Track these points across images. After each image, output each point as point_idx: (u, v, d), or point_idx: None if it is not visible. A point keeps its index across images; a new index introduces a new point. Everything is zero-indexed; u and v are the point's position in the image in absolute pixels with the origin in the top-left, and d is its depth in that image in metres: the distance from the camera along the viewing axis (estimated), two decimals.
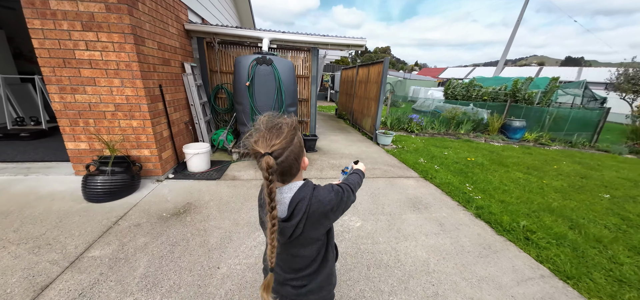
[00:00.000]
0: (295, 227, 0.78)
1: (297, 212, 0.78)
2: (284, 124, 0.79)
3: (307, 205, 0.78)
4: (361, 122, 7.82)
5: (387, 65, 5.81)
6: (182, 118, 4.16)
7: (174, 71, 3.92)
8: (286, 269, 0.89)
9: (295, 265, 0.88)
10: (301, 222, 0.78)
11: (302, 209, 0.78)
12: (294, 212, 0.78)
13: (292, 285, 0.89)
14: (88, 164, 2.93)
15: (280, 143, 0.74)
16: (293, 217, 0.78)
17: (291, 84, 4.22)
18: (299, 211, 0.78)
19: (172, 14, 3.88)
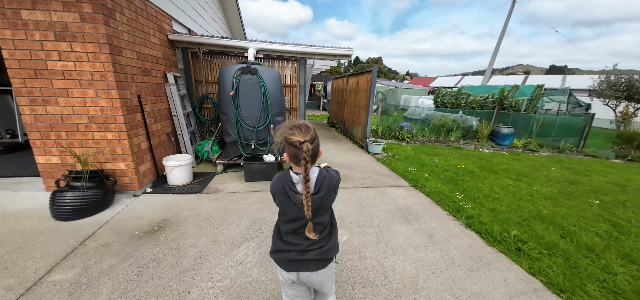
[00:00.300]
0: (322, 199, 1.08)
1: (323, 187, 1.08)
2: (309, 124, 1.08)
3: (328, 182, 1.09)
4: (352, 131, 7.78)
5: (375, 74, 5.83)
6: (164, 129, 4.02)
7: (155, 81, 3.81)
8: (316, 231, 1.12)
9: (316, 232, 1.12)
10: (325, 195, 1.08)
11: (326, 185, 1.08)
12: (320, 187, 1.08)
13: (314, 248, 1.15)
14: (58, 179, 2.75)
15: (311, 134, 1.04)
16: (320, 191, 1.07)
17: (278, 94, 4.15)
18: (324, 187, 1.08)
19: (154, 23, 3.81)
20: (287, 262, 1.17)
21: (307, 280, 1.20)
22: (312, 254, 1.15)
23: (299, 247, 1.14)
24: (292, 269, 1.17)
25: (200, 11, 5.79)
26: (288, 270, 1.18)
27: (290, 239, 1.15)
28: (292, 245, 1.14)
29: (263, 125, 4.07)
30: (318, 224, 1.14)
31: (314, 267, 1.17)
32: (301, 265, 1.16)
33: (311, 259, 1.15)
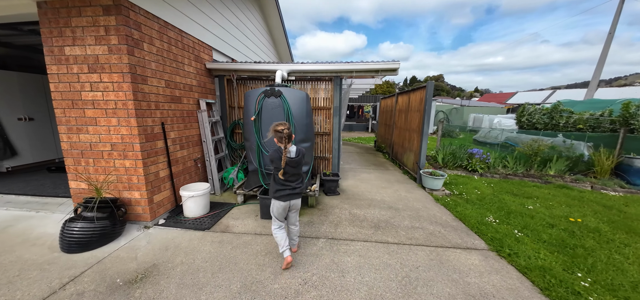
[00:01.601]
0: (299, 161, 2.31)
1: (299, 153, 2.32)
2: (286, 122, 2.48)
3: (303, 153, 2.37)
4: (402, 158, 6.53)
5: (431, 90, 4.68)
6: (192, 155, 3.92)
7: (186, 108, 3.78)
8: (294, 180, 2.34)
9: (298, 178, 2.37)
10: (301, 159, 2.33)
11: (301, 153, 2.34)
12: (298, 154, 2.32)
13: (298, 184, 2.37)
14: (76, 207, 2.75)
15: (287, 126, 2.23)
16: (298, 156, 2.31)
17: (303, 117, 3.57)
18: (299, 153, 2.33)
19: (190, 54, 3.86)
20: (284, 196, 2.32)
21: (294, 204, 2.40)
22: (298, 190, 2.37)
23: (290, 187, 2.33)
24: (287, 199, 2.34)
25: (244, 40, 5.98)
26: (285, 200, 2.33)
27: (284, 183, 2.31)
28: (286, 186, 2.32)
29: None
30: (297, 174, 2.35)
31: (297, 197, 2.39)
32: (291, 197, 2.34)
33: (296, 193, 2.37)
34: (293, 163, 2.23)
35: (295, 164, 2.25)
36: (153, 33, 3.10)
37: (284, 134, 2.15)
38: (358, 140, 12.14)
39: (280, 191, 2.28)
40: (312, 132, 3.89)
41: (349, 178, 5.47)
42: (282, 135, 2.16)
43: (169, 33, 3.40)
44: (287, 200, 2.30)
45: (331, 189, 4.25)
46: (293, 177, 2.29)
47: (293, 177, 2.29)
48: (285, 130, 2.16)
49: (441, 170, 6.29)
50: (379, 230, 3.10)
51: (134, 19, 2.80)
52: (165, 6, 3.28)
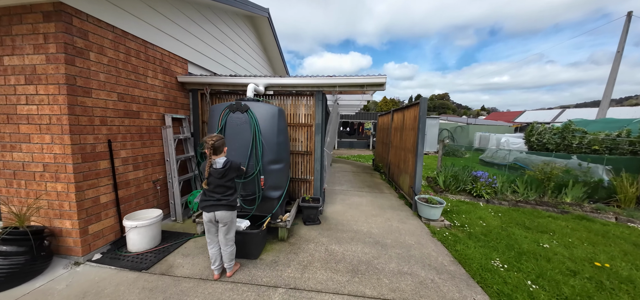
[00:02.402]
0: (226, 172, 2.29)
1: (226, 165, 2.30)
2: (220, 135, 2.42)
3: (230, 163, 2.34)
4: (398, 180, 5.96)
5: (424, 107, 4.22)
6: (150, 176, 3.50)
7: (146, 124, 3.42)
8: (220, 192, 2.32)
9: (226, 190, 2.34)
10: (228, 170, 2.31)
11: (228, 164, 2.32)
12: (225, 166, 2.30)
13: (224, 196, 2.33)
14: None
15: (216, 138, 2.31)
16: (224, 167, 2.30)
17: (274, 135, 3.13)
18: (226, 164, 2.31)
19: (156, 66, 3.56)
20: (208, 207, 2.32)
21: (221, 217, 2.33)
22: (222, 202, 2.31)
23: (214, 198, 2.31)
24: (210, 210, 2.32)
25: (231, 55, 5.75)
26: (209, 211, 2.32)
27: (209, 194, 2.33)
28: (210, 197, 2.32)
29: (251, 175, 3.03)
30: (223, 186, 2.32)
31: (222, 209, 2.31)
32: (215, 208, 2.31)
33: (221, 204, 2.31)
34: (217, 174, 2.28)
35: (220, 175, 2.29)
36: (105, 42, 2.80)
37: (208, 144, 2.27)
38: (357, 158, 11.60)
39: (204, 202, 2.34)
40: (286, 152, 3.42)
41: (337, 202, 4.91)
42: (207, 145, 2.28)
43: (129, 43, 3.11)
44: (211, 211, 2.32)
45: (310, 217, 3.71)
46: (218, 188, 2.32)
47: (218, 189, 2.32)
48: (210, 141, 2.27)
49: (442, 195, 5.67)
50: (357, 276, 2.52)
51: (78, 26, 2.50)
52: (124, 15, 3.00)
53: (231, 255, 2.42)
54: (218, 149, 2.31)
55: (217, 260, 2.42)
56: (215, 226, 2.40)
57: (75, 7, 2.47)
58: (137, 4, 3.17)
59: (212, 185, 2.29)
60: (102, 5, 2.73)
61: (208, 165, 2.27)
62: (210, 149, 2.27)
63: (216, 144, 2.29)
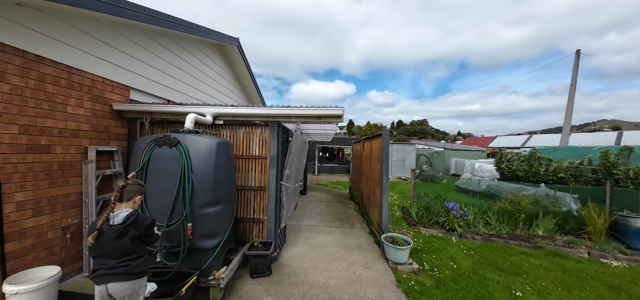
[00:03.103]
0: (124, 230, 1.68)
1: (126, 220, 1.71)
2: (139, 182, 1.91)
3: (134, 219, 1.74)
4: (369, 212, 5.59)
5: (387, 137, 4.01)
6: (59, 222, 2.86)
7: (59, 159, 2.86)
8: (117, 255, 1.70)
9: (125, 254, 1.71)
10: (128, 227, 1.70)
11: (131, 219, 1.72)
12: (126, 221, 1.71)
13: (121, 263, 1.70)
14: None
15: (128, 184, 1.79)
16: (124, 222, 1.70)
17: (210, 173, 2.69)
18: (128, 220, 1.71)
19: (82, 93, 3.11)
20: (98, 277, 1.69)
21: (115, 291, 1.70)
22: (118, 271, 1.68)
23: (106, 266, 1.69)
24: (101, 282, 1.69)
25: (192, 82, 5.40)
26: (98, 283, 1.70)
27: (100, 258, 1.71)
28: (102, 264, 1.70)
29: (175, 223, 2.51)
30: (120, 248, 1.70)
31: (119, 279, 1.69)
32: (107, 278, 1.68)
33: (117, 273, 1.68)
34: (112, 232, 1.67)
35: (116, 234, 1.67)
36: (9, 68, 2.36)
37: (116, 188, 1.80)
38: (335, 185, 11.20)
39: (95, 271, 1.72)
40: (228, 191, 2.95)
41: (300, 242, 4.40)
42: (115, 192, 1.80)
43: (44, 69, 2.67)
44: (101, 283, 1.69)
45: (258, 267, 3.16)
46: (115, 251, 1.70)
47: (114, 252, 1.70)
48: (119, 185, 1.80)
49: (415, 229, 5.33)
50: None
51: None
52: (39, 38, 2.59)
53: None
54: (125, 197, 1.78)
55: None
56: None
57: None
58: (59, 26, 2.78)
59: (103, 247, 1.66)
60: (8, 28, 2.33)
61: (103, 218, 1.68)
62: (115, 196, 1.76)
63: (125, 190, 1.78)
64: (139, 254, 1.76)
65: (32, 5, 2.45)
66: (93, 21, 3.21)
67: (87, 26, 3.11)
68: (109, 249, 1.68)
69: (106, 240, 1.66)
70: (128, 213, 1.75)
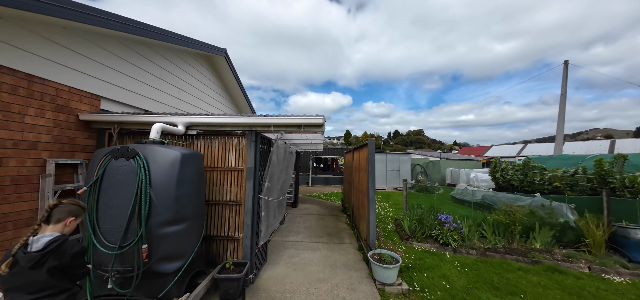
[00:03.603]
0: (40, 258, 1.38)
1: (46, 246, 1.41)
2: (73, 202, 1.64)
3: (58, 246, 1.44)
4: (359, 225, 5.32)
5: (372, 148, 3.82)
6: (6, 244, 2.56)
7: (12, 172, 2.61)
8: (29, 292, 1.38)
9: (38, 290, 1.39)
10: (45, 257, 1.39)
11: (51, 245, 1.42)
12: (45, 248, 1.41)
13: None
14: None
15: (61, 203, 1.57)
16: (43, 250, 1.40)
17: (172, 188, 2.44)
18: (48, 246, 1.41)
19: (43, 102, 2.89)
20: None
21: None
22: None
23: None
24: None
25: (173, 92, 5.22)
26: None
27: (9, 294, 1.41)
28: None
29: (128, 244, 2.23)
30: (35, 282, 1.39)
31: None
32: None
33: None
34: (26, 260, 1.37)
35: (31, 263, 1.37)
36: None
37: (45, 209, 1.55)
38: (328, 197, 10.90)
39: None
40: (192, 207, 2.68)
41: (282, 261, 4.09)
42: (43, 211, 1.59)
43: (0, 77, 2.45)
44: None
45: (229, 292, 2.85)
46: (29, 285, 1.39)
47: (29, 285, 1.39)
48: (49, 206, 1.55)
49: (408, 243, 5.05)
50: None
51: None
52: None
53: None
54: (54, 218, 1.52)
55: None
56: None
57: None
58: (17, 32, 2.60)
59: (17, 279, 1.37)
60: None
61: (21, 242, 1.42)
62: (42, 216, 1.53)
63: (54, 210, 1.54)
64: (59, 289, 1.45)
65: None
66: (61, 29, 3.04)
67: (53, 34, 2.94)
68: (22, 282, 1.38)
69: (20, 270, 1.37)
70: (52, 238, 1.46)
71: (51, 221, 1.54)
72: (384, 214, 7.76)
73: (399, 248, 4.77)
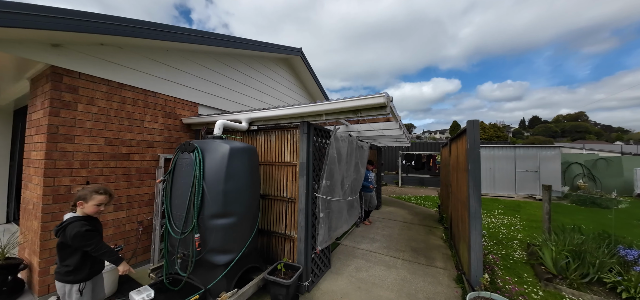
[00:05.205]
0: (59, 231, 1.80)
1: (63, 223, 1.81)
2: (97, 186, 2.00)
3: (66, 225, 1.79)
4: (458, 246, 3.88)
5: (475, 135, 2.54)
6: (136, 217, 3.49)
7: (136, 165, 3.52)
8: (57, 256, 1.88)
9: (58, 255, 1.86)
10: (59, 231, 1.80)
11: (64, 224, 1.80)
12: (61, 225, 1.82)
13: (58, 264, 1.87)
14: None
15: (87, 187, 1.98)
16: (59, 225, 1.81)
17: (220, 182, 2.44)
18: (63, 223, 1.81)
19: (156, 111, 3.75)
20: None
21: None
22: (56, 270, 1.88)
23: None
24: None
25: (257, 96, 5.86)
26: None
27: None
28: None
29: (186, 232, 2.39)
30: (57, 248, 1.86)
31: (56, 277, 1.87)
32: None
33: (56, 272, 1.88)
34: (54, 231, 1.85)
35: (55, 234, 1.85)
36: (97, 94, 3.09)
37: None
38: (421, 202, 9.15)
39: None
40: (239, 204, 2.60)
41: (346, 273, 3.51)
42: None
43: (125, 93, 3.38)
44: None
45: (278, 298, 2.61)
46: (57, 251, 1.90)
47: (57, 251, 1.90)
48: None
49: (551, 286, 3.15)
50: None
51: (67, 83, 2.84)
52: (120, 69, 3.29)
53: None
54: (74, 200, 1.90)
55: None
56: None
57: (67, 67, 2.82)
58: (135, 58, 3.49)
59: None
60: (96, 63, 3.06)
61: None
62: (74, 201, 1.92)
63: (79, 194, 1.90)
64: (73, 259, 1.81)
65: (112, 43, 3.15)
66: (164, 51, 3.87)
67: (158, 55, 3.77)
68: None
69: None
70: (67, 218, 1.83)
71: (74, 203, 1.90)
72: (507, 234, 5.50)
73: (533, 293, 3.05)
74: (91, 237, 1.80)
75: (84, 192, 1.90)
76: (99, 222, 2.02)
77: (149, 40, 3.35)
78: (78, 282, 1.84)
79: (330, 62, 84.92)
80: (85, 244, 1.80)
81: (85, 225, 1.80)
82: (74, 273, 1.83)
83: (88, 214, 1.88)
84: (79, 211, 1.88)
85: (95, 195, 1.89)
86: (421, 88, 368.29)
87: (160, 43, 3.59)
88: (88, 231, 1.80)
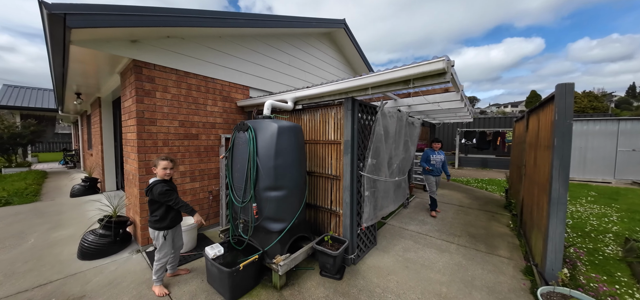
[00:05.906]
0: (147, 191, 2.40)
1: (150, 184, 2.39)
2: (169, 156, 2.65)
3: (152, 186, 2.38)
4: (530, 235, 3.35)
5: (565, 101, 2.03)
6: (206, 187, 4.06)
7: (204, 144, 4.02)
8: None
9: (150, 208, 2.43)
10: (147, 191, 2.40)
11: (150, 185, 2.39)
12: (148, 185, 2.40)
13: (150, 215, 2.44)
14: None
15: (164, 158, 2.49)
16: (148, 186, 2.40)
17: (270, 158, 2.60)
18: (150, 184, 2.39)
19: (215, 95, 4.14)
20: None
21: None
22: (149, 219, 2.45)
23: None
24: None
25: (302, 76, 5.92)
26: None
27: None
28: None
29: (245, 202, 2.67)
30: (149, 202, 2.43)
31: (149, 225, 2.44)
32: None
33: (149, 221, 2.44)
34: (145, 191, 2.43)
35: (146, 193, 2.42)
36: (169, 83, 3.57)
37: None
38: (483, 185, 8.13)
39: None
40: (288, 178, 2.72)
41: (393, 252, 3.44)
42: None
43: (190, 80, 3.81)
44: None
45: (326, 266, 2.74)
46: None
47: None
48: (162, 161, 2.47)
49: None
50: None
51: (146, 74, 3.35)
52: (184, 59, 3.70)
53: (157, 273, 2.45)
54: (152, 167, 2.49)
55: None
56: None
57: (144, 60, 3.31)
58: (195, 47, 3.86)
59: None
60: (165, 55, 3.51)
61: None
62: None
63: (152, 163, 2.58)
64: (160, 211, 2.40)
65: (176, 35, 3.53)
66: (218, 38, 4.16)
67: (213, 43, 4.08)
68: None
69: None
70: (151, 181, 2.40)
71: (157, 168, 2.43)
72: (597, 225, 4.51)
73: (627, 295, 2.46)
74: (170, 194, 2.35)
75: (154, 161, 2.41)
76: (174, 184, 2.56)
77: (206, 29, 3.66)
78: (163, 229, 2.40)
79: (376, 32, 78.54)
80: (167, 199, 2.33)
81: (165, 186, 2.35)
82: (160, 221, 2.39)
83: (162, 177, 2.39)
84: (160, 176, 2.39)
85: (160, 161, 2.39)
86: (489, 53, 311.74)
87: (215, 30, 3.88)
88: (167, 190, 2.34)
